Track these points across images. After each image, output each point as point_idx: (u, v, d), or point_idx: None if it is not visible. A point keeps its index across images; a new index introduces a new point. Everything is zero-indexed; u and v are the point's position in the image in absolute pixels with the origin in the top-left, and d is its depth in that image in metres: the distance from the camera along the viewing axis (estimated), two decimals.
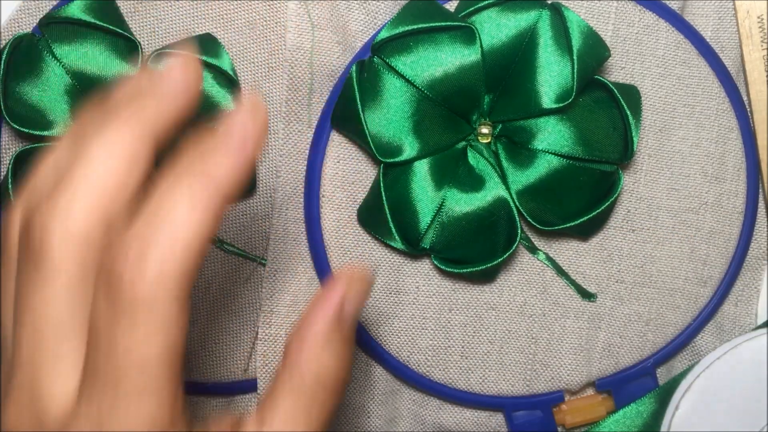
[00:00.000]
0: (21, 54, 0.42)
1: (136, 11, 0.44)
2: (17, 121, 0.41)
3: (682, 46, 0.45)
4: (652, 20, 0.44)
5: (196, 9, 0.44)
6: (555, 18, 0.41)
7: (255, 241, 0.45)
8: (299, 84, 0.44)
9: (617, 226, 0.45)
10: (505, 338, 0.45)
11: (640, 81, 0.44)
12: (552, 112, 0.41)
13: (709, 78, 0.45)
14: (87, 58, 0.41)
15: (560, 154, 0.41)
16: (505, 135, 0.42)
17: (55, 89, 0.42)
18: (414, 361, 0.45)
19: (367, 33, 0.44)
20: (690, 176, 0.45)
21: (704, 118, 0.45)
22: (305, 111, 0.44)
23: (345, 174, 0.44)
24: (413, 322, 0.44)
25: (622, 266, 0.45)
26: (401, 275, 0.44)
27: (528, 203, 0.42)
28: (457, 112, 0.42)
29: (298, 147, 0.44)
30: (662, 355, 0.46)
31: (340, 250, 0.44)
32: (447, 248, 0.42)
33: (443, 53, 0.41)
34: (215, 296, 0.45)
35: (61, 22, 0.41)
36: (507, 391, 0.45)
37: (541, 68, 0.41)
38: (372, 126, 0.41)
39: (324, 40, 0.44)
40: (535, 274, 0.45)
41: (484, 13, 0.41)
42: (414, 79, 0.41)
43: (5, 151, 0.44)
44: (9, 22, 0.44)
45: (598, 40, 0.41)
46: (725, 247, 0.46)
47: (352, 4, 0.44)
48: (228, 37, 0.44)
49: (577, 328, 0.45)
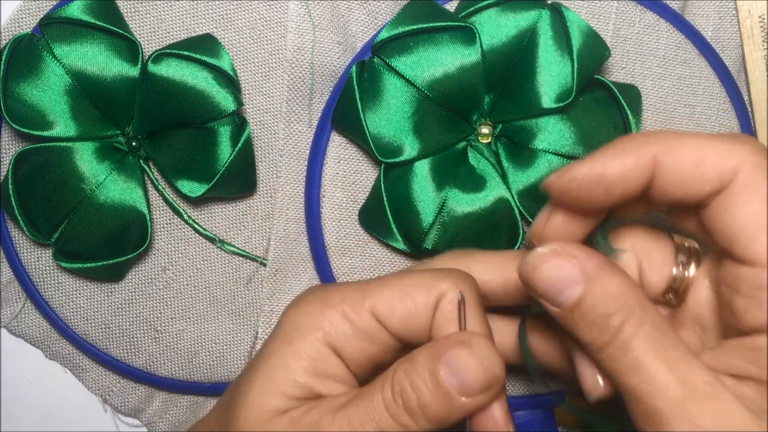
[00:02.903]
0: (21, 54, 0.42)
1: (136, 11, 0.44)
2: (17, 121, 0.41)
3: (682, 45, 0.45)
4: (653, 20, 0.44)
5: (196, 9, 0.44)
6: (555, 18, 0.41)
7: (256, 241, 0.45)
8: (300, 84, 0.44)
9: None
10: None
11: (640, 81, 0.44)
12: (552, 112, 0.41)
13: (709, 78, 0.45)
14: (87, 58, 0.41)
15: (561, 154, 0.41)
16: (505, 135, 0.42)
17: (55, 89, 0.42)
18: None
19: (367, 33, 0.44)
20: None
21: (705, 118, 0.45)
22: (306, 111, 0.44)
23: (345, 174, 0.44)
24: None
25: None
26: None
27: (529, 203, 0.42)
28: (458, 112, 0.42)
29: (299, 147, 0.44)
30: None
31: (341, 250, 0.44)
32: (450, 249, 0.42)
33: (443, 53, 0.40)
34: (215, 296, 0.45)
35: (61, 22, 0.41)
36: (507, 391, 0.45)
37: (541, 68, 0.41)
38: (372, 126, 0.41)
39: (325, 40, 0.44)
40: None
41: (484, 13, 0.41)
42: (414, 80, 0.41)
43: (5, 151, 0.44)
44: (9, 22, 0.44)
45: (598, 40, 0.41)
46: None
47: (353, 5, 0.44)
48: (228, 37, 0.44)
49: None
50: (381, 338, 0.32)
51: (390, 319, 0.32)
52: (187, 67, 0.41)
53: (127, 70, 0.42)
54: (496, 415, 0.32)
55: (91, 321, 0.45)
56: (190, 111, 0.41)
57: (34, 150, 0.42)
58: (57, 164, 0.42)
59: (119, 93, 0.42)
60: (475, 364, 0.31)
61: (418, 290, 0.32)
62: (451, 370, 0.31)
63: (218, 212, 0.45)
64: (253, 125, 0.44)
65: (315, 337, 0.32)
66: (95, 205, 0.42)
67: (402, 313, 0.32)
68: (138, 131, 0.43)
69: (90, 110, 0.42)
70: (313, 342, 0.32)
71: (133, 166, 0.43)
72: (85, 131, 0.42)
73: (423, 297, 0.32)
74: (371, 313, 0.32)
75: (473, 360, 0.31)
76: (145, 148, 0.43)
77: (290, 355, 0.32)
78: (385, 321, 0.32)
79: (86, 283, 0.45)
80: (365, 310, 0.32)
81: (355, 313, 0.32)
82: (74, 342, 0.46)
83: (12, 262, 0.45)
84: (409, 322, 0.32)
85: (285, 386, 0.32)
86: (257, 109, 0.44)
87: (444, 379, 0.30)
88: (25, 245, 0.45)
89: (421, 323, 0.32)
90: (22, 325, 0.46)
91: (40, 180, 0.42)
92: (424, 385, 0.31)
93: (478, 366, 0.31)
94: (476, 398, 0.31)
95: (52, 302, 0.45)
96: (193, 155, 0.42)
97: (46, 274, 0.45)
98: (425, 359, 0.31)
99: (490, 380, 0.31)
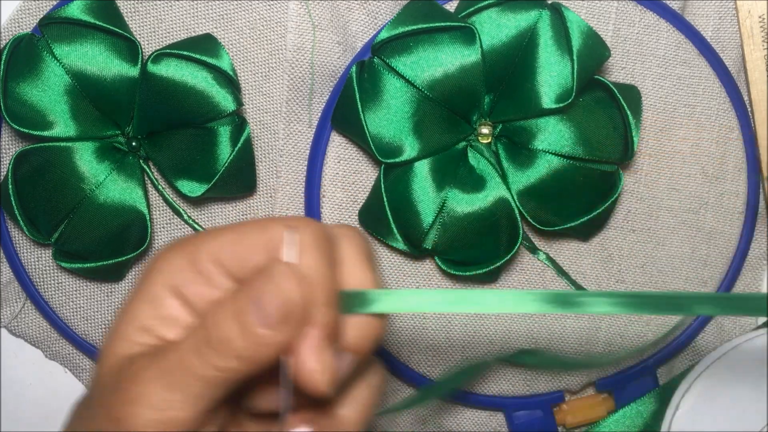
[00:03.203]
0: (21, 54, 0.42)
1: (136, 11, 0.44)
2: (17, 121, 0.41)
3: (682, 46, 0.45)
4: (653, 20, 0.44)
5: (196, 9, 0.44)
6: (555, 18, 0.41)
7: None
8: (300, 84, 0.44)
9: (618, 226, 0.45)
10: (505, 338, 0.45)
11: (640, 81, 0.44)
12: (552, 112, 0.41)
13: (709, 78, 0.45)
14: (87, 58, 0.41)
15: (560, 154, 0.41)
16: (505, 135, 0.42)
17: (55, 89, 0.42)
18: (414, 361, 0.45)
19: (367, 33, 0.44)
20: (690, 176, 0.45)
21: (705, 118, 0.45)
22: (306, 111, 0.44)
23: (345, 174, 0.44)
24: (414, 322, 0.44)
25: (623, 266, 0.45)
26: (402, 275, 0.44)
27: (528, 203, 0.42)
28: (458, 112, 0.42)
29: (299, 147, 0.44)
30: (663, 355, 0.46)
31: None
32: (450, 249, 0.42)
33: (443, 53, 0.40)
34: None
35: (61, 22, 0.41)
36: (507, 391, 0.45)
37: (541, 68, 0.41)
38: (372, 126, 0.41)
39: (325, 40, 0.44)
40: (535, 275, 0.45)
41: (484, 13, 0.41)
42: (414, 80, 0.41)
43: (5, 151, 0.44)
44: (9, 22, 0.44)
45: (598, 40, 0.41)
46: (725, 247, 0.46)
47: (353, 5, 0.44)
48: (228, 37, 0.44)
49: (577, 328, 0.45)
50: (221, 282, 0.31)
51: (227, 262, 0.31)
52: (187, 67, 0.41)
53: (127, 70, 0.42)
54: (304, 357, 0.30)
55: (91, 321, 0.45)
56: (189, 111, 0.41)
57: (34, 150, 0.42)
58: (57, 164, 0.42)
59: (119, 93, 0.42)
60: (273, 292, 0.29)
61: (251, 232, 0.31)
62: (253, 300, 0.29)
63: (218, 212, 0.45)
64: (253, 125, 0.44)
65: (157, 281, 0.31)
66: (95, 205, 0.42)
67: (237, 255, 0.31)
68: (138, 131, 0.43)
69: (90, 110, 0.42)
70: (154, 286, 0.31)
71: (133, 166, 0.43)
72: (85, 131, 0.42)
73: (255, 238, 0.31)
74: (210, 256, 0.31)
75: (271, 288, 0.29)
76: (145, 148, 0.43)
77: (136, 300, 0.31)
78: (223, 263, 0.31)
79: (86, 283, 0.45)
80: (204, 254, 0.31)
81: (196, 255, 0.31)
82: (74, 342, 0.46)
83: (12, 262, 0.45)
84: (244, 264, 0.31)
85: (131, 332, 0.31)
86: (257, 109, 0.44)
87: (245, 311, 0.29)
88: (25, 245, 0.45)
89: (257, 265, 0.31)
90: (22, 325, 0.46)
91: (40, 180, 0.42)
92: (228, 321, 0.29)
93: (275, 294, 0.29)
94: (278, 330, 0.29)
95: (52, 302, 0.45)
96: (193, 155, 0.42)
97: (46, 274, 0.45)
98: (234, 294, 0.30)
99: (287, 308, 0.29)
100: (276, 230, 0.31)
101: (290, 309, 0.29)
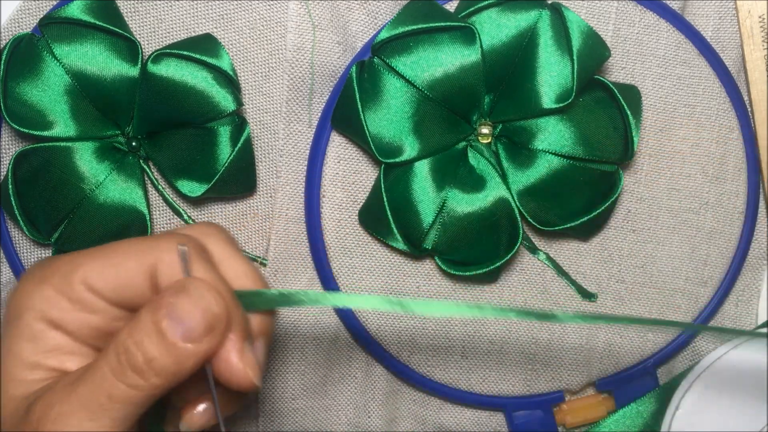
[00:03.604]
0: (21, 54, 0.42)
1: (136, 11, 0.44)
2: (17, 121, 0.41)
3: (682, 46, 0.45)
4: (653, 20, 0.44)
5: (196, 9, 0.44)
6: (555, 18, 0.41)
7: (255, 241, 0.45)
8: (300, 84, 0.44)
9: (618, 226, 0.45)
10: (505, 338, 0.45)
11: (640, 81, 0.44)
12: (552, 112, 0.41)
13: (709, 78, 0.45)
14: (87, 58, 0.41)
15: (560, 154, 0.41)
16: (505, 135, 0.42)
17: (55, 89, 0.42)
18: (414, 361, 0.45)
19: (367, 33, 0.44)
20: (690, 176, 0.45)
21: (705, 118, 0.45)
22: (306, 111, 0.44)
23: (345, 174, 0.44)
24: (414, 322, 0.44)
25: (623, 266, 0.45)
26: (402, 275, 0.44)
27: (528, 203, 0.42)
28: (458, 112, 0.42)
29: (299, 147, 0.44)
30: (663, 355, 0.46)
31: (341, 250, 0.44)
32: (450, 249, 0.42)
33: (443, 53, 0.40)
34: None
35: (61, 22, 0.41)
36: (507, 391, 0.45)
37: (541, 68, 0.41)
38: (372, 126, 0.41)
39: (325, 40, 0.44)
40: (535, 274, 0.45)
41: (484, 13, 0.41)
42: (414, 80, 0.41)
43: (5, 151, 0.44)
44: (9, 22, 0.44)
45: (598, 40, 0.41)
46: (726, 247, 0.46)
47: (353, 5, 0.44)
48: (228, 37, 0.44)
49: (577, 328, 0.45)
50: (99, 307, 0.31)
51: (103, 289, 0.31)
52: (187, 67, 0.41)
53: (127, 70, 0.42)
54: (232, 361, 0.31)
55: None
56: (189, 111, 0.41)
57: (34, 150, 0.42)
58: (57, 164, 0.42)
59: (119, 93, 0.42)
60: (193, 307, 0.30)
61: (129, 258, 0.31)
62: (172, 317, 0.30)
63: (218, 212, 0.45)
64: (253, 125, 0.44)
65: (30, 316, 0.31)
66: (95, 205, 0.42)
67: (114, 281, 0.31)
68: (138, 131, 0.43)
69: (90, 110, 0.42)
70: (29, 321, 0.31)
71: (133, 166, 0.43)
72: (84, 131, 0.42)
73: (135, 264, 0.31)
74: (83, 284, 0.31)
75: (190, 303, 0.30)
76: (145, 148, 0.43)
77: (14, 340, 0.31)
78: (99, 291, 0.31)
79: None
80: (77, 282, 0.31)
81: (66, 285, 0.31)
82: None
83: (12, 262, 0.45)
84: (124, 291, 0.31)
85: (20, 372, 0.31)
86: (257, 109, 0.44)
87: (166, 328, 0.30)
88: (25, 245, 0.45)
89: (139, 290, 0.31)
90: None
91: (40, 180, 0.42)
92: (148, 340, 0.30)
93: (195, 308, 0.30)
94: (203, 343, 0.30)
95: None
96: (193, 155, 0.42)
97: None
98: (147, 314, 0.30)
99: (210, 321, 0.30)
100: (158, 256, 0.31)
101: (214, 320, 0.30)
